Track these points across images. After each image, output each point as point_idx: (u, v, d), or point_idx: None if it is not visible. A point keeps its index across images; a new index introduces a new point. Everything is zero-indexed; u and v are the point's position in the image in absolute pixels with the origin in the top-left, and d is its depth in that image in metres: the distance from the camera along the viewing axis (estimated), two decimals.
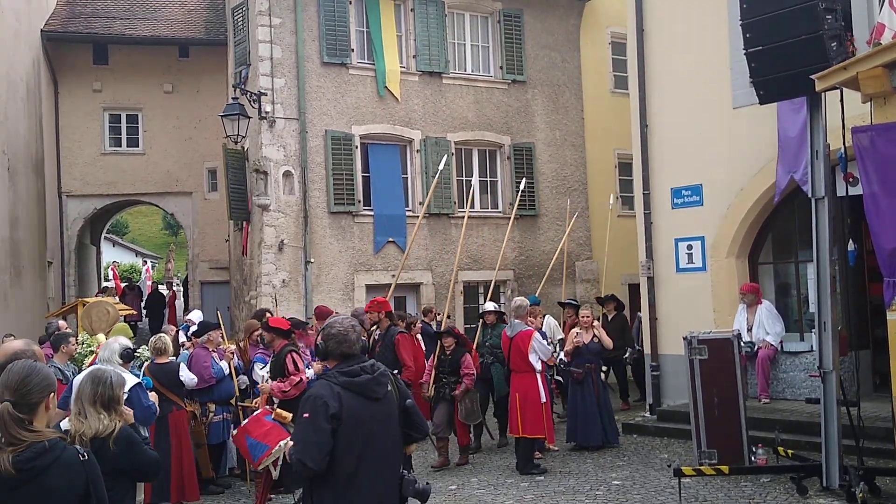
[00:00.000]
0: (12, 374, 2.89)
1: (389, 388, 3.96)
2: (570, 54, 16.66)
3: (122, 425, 3.85)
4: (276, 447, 6.80)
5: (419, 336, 10.02)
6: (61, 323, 10.56)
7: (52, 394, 2.95)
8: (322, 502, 3.78)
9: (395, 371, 6.74)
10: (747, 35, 7.06)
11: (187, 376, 8.15)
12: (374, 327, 9.12)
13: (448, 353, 9.27)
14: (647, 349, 11.93)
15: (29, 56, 17.81)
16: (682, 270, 11.47)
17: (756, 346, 10.32)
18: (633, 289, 14.64)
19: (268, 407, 7.32)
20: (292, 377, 7.25)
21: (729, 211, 10.93)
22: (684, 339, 8.41)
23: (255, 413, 7.50)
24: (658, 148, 11.76)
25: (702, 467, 7.64)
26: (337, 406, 3.73)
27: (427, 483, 4.15)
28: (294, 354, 7.50)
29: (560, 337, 11.25)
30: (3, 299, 14.96)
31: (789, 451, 7.90)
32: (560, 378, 10.85)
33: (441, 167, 11.96)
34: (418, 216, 14.66)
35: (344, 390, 3.79)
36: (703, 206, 11.20)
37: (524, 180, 13.68)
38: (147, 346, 8.46)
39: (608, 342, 10.14)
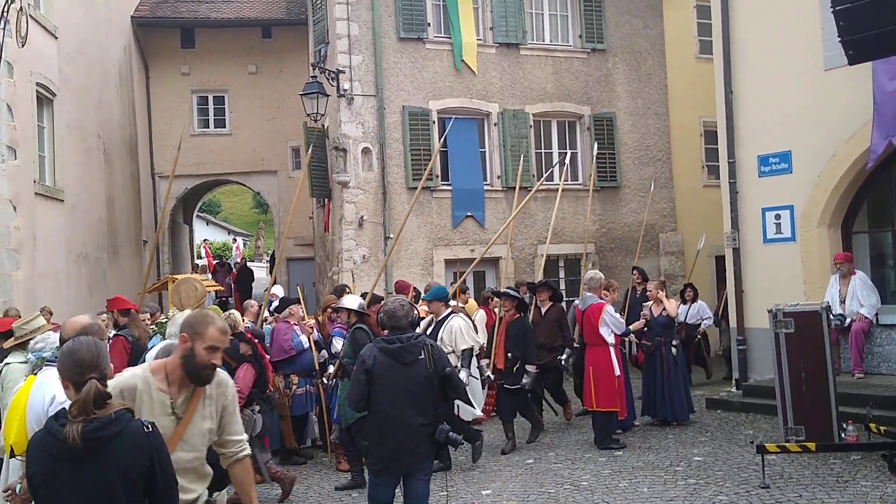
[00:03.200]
0: (84, 351, 2.93)
1: (422, 356, 5.04)
2: (652, 20, 16.15)
3: None
4: None
5: (495, 310, 9.97)
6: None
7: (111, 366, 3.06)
8: (368, 431, 5.23)
9: None
10: None
11: None
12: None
13: None
14: (732, 322, 11.60)
15: (120, 42, 18.49)
16: (769, 241, 11.06)
17: (849, 319, 9.88)
18: (719, 260, 14.22)
19: None
20: None
21: (820, 178, 10.44)
22: (769, 311, 8.11)
23: None
24: (744, 114, 11.31)
25: (787, 444, 7.38)
26: (371, 363, 5.01)
27: (460, 435, 5.25)
28: None
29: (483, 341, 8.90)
30: (102, 277, 15.70)
31: (882, 428, 7.53)
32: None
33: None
34: (496, 189, 14.63)
35: (380, 353, 5.05)
36: (792, 174, 10.74)
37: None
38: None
39: (674, 312, 9.84)
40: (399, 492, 5.20)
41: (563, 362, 9.46)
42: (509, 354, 8.85)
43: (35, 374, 4.00)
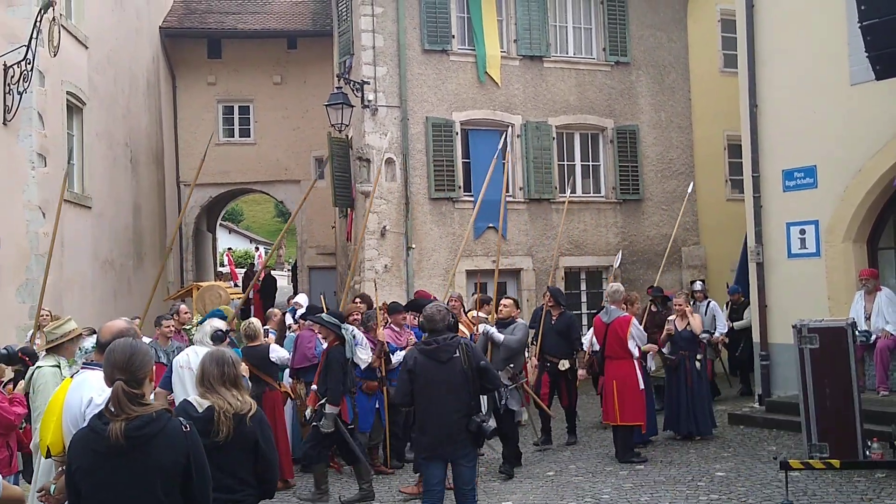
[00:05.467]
0: (117, 353, 3.05)
1: (456, 354, 5.64)
2: (676, 33, 16.15)
3: (258, 408, 3.90)
4: None
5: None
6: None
7: (154, 367, 3.13)
8: (415, 423, 5.95)
9: None
10: (862, 7, 6.69)
11: (278, 355, 8.42)
12: None
13: None
14: (756, 337, 11.52)
15: (149, 52, 18.76)
16: (794, 256, 10.99)
17: (874, 336, 9.79)
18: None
19: None
20: None
21: (846, 193, 10.37)
22: (794, 327, 8.08)
23: None
24: (769, 128, 11.27)
25: (811, 461, 7.33)
26: (412, 364, 5.73)
27: (491, 424, 5.85)
28: None
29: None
30: (127, 283, 15.88)
31: None
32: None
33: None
34: (518, 201, 14.67)
35: (420, 354, 5.77)
36: (818, 189, 10.67)
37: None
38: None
39: (698, 328, 9.76)
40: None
41: None
42: (314, 387, 7.98)
43: (72, 376, 4.09)
